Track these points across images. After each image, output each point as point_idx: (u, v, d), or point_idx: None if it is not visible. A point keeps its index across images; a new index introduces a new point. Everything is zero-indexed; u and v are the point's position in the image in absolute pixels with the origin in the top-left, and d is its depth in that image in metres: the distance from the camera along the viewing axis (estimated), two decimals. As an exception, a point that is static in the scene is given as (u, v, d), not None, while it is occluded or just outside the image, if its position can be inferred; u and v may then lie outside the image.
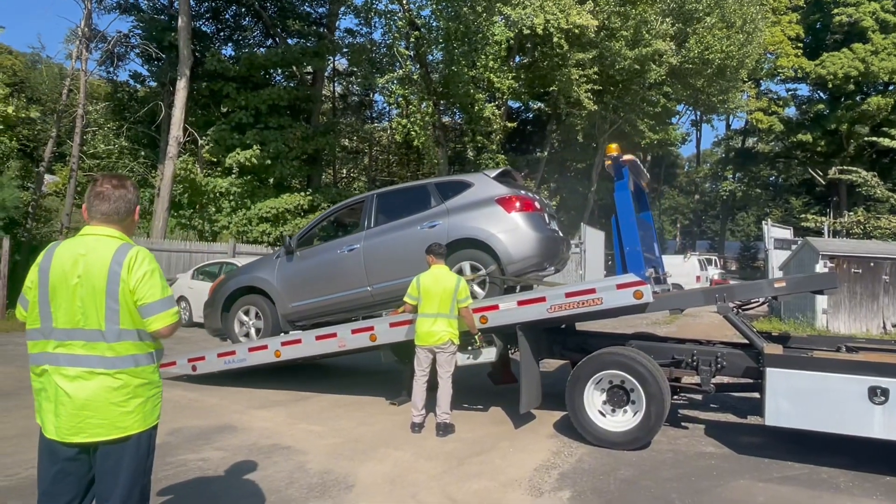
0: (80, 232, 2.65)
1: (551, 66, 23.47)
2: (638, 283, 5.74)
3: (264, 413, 6.70)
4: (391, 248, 6.97)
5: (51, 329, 2.51)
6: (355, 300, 7.21)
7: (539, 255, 6.54)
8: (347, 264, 7.16)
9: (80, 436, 2.46)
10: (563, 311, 5.94)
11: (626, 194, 6.50)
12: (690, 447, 5.85)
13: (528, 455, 5.45)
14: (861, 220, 15.94)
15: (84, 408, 2.45)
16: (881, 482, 5.02)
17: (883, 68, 31.24)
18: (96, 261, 2.51)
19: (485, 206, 6.60)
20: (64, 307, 2.50)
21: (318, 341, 7.02)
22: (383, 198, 7.47)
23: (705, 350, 6.13)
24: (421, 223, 6.85)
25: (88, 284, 2.49)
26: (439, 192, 7.00)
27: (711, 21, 24.17)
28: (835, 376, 5.09)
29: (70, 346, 2.49)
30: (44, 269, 2.54)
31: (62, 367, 2.48)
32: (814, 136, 35.27)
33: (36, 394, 2.56)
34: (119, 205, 2.63)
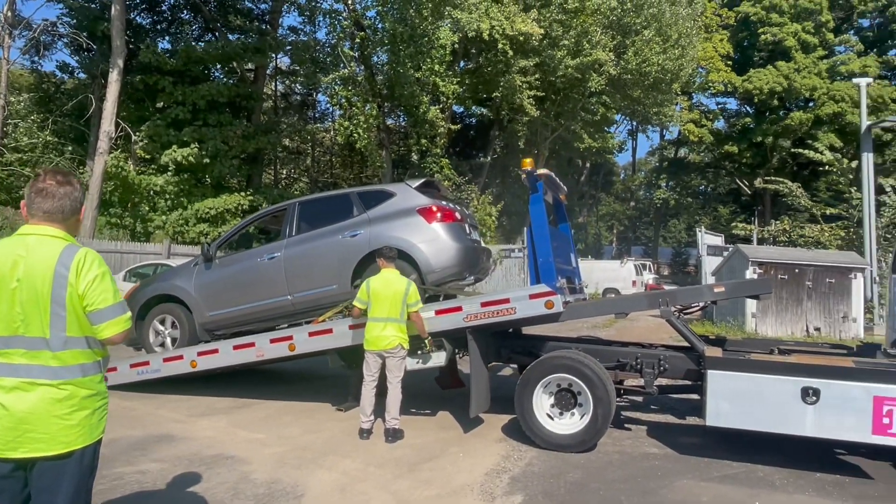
0: (18, 231, 2.44)
1: (495, 72, 23.75)
2: (549, 293, 5.89)
3: (205, 421, 6.46)
4: (313, 256, 6.90)
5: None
6: (276, 309, 7.11)
7: (459, 265, 6.61)
8: (268, 273, 7.04)
9: (19, 451, 2.26)
10: (479, 320, 6.05)
11: (539, 207, 6.59)
12: (635, 448, 5.99)
13: (478, 460, 5.46)
14: (786, 228, 16.87)
15: (23, 421, 2.25)
16: (812, 479, 5.27)
17: (804, 85, 33.11)
18: (39, 263, 2.32)
19: (406, 216, 6.64)
20: (1, 313, 2.31)
21: (236, 351, 6.88)
22: (306, 206, 7.39)
23: (648, 353, 6.31)
24: (343, 232, 6.81)
25: (31, 289, 2.30)
26: (361, 202, 6.99)
27: (649, 35, 25.00)
28: (770, 378, 5.32)
29: (8, 355, 2.30)
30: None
31: (1, 377, 2.29)
32: (741, 147, 37.03)
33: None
34: (64, 202, 2.44)
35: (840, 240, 15.55)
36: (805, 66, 33.89)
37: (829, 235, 15.66)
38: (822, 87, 33.24)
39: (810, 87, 33.19)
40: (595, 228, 47.25)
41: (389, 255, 6.01)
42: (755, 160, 37.79)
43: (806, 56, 34.26)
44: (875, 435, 5.05)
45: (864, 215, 13.54)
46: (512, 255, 19.16)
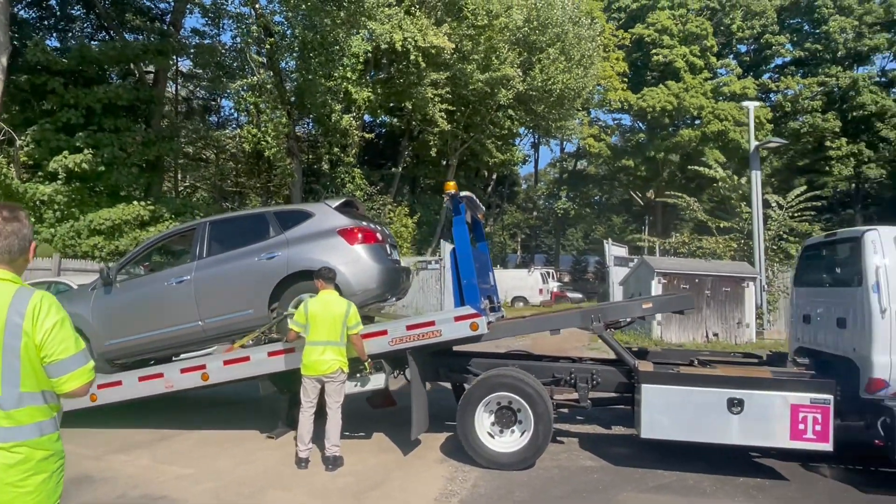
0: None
1: (408, 83, 23.77)
2: (474, 315, 5.97)
3: (125, 457, 5.98)
4: (226, 279, 6.55)
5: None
6: (185, 336, 6.71)
7: (381, 287, 6.52)
8: (176, 297, 6.62)
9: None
10: (405, 343, 6.03)
11: (463, 229, 6.62)
12: (572, 462, 6.14)
13: (424, 484, 5.39)
14: (686, 240, 18.09)
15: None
16: (737, 484, 5.62)
17: (692, 104, 35.61)
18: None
19: (326, 238, 6.45)
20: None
21: (142, 383, 6.48)
22: (217, 226, 7.02)
23: (582, 368, 6.50)
24: (259, 254, 6.51)
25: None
26: (278, 222, 6.71)
27: (554, 53, 25.95)
28: (700, 390, 5.64)
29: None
30: None
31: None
32: (635, 161, 39.21)
33: None
34: (11, 241, 2.16)
35: (733, 251, 16.88)
36: (693, 86, 36.45)
37: (723, 247, 16.96)
38: (708, 106, 35.87)
39: (698, 105, 35.72)
40: (500, 238, 48.34)
41: (328, 276, 5.84)
42: (648, 173, 40.12)
43: (693, 77, 36.88)
44: (792, 440, 5.47)
45: (754, 228, 14.74)
46: (428, 268, 19.20)
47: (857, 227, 6.47)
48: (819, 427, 5.43)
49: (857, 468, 6.09)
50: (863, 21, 35.73)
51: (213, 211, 19.83)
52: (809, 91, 36.39)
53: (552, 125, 31.74)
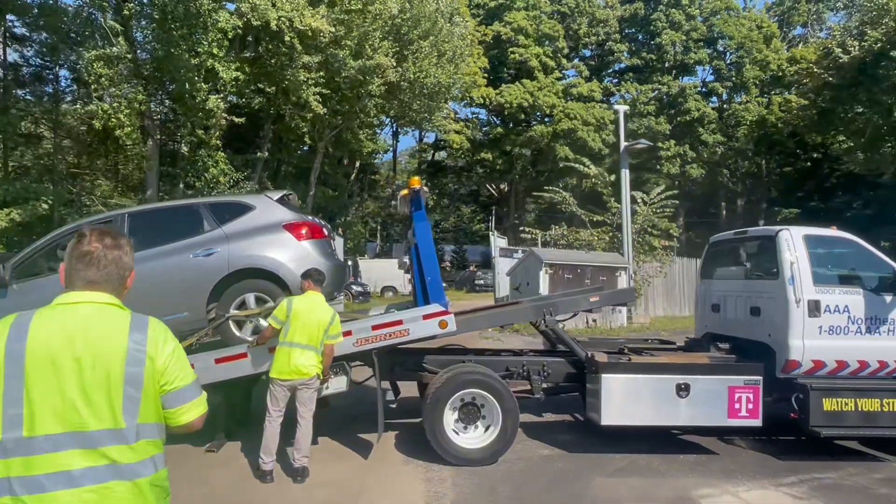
0: (59, 300, 1.94)
1: (280, 65, 22.63)
2: (442, 312, 5.96)
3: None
4: (155, 279, 5.81)
5: (22, 440, 1.71)
6: None
7: (330, 285, 6.22)
8: None
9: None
10: (370, 343, 5.89)
11: (425, 225, 6.52)
12: (529, 452, 6.31)
13: (405, 488, 5.27)
14: (565, 232, 19.26)
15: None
16: (681, 462, 6.15)
17: (545, 102, 37.76)
18: (105, 336, 1.84)
19: (271, 233, 6.05)
20: (50, 405, 1.73)
21: (220, 365, 5.69)
22: (138, 218, 6.29)
23: (534, 360, 6.71)
24: (193, 250, 5.95)
25: (99, 368, 1.79)
26: (213, 215, 6.16)
27: (426, 48, 26.10)
28: (653, 377, 6.08)
29: (56, 459, 1.71)
30: (14, 352, 1.75)
31: (49, 492, 1.68)
32: (493, 155, 40.80)
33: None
34: (111, 270, 2.00)
35: (605, 243, 18.28)
36: (546, 85, 38.62)
37: (597, 239, 18.31)
38: (560, 105, 38.23)
39: (550, 104, 37.94)
40: (361, 227, 47.92)
41: (318, 279, 5.46)
42: (504, 166, 41.94)
43: (546, 77, 39.06)
44: (730, 419, 6.10)
45: (623, 222, 16.06)
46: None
47: (764, 226, 7.29)
48: (751, 405, 6.10)
49: (770, 439, 6.93)
50: (689, 36, 40.12)
51: (61, 197, 17.49)
52: (645, 96, 40.16)
53: (420, 117, 31.98)
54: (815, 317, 6.23)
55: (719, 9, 40.97)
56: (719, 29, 40.38)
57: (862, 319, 6.29)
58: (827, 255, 6.63)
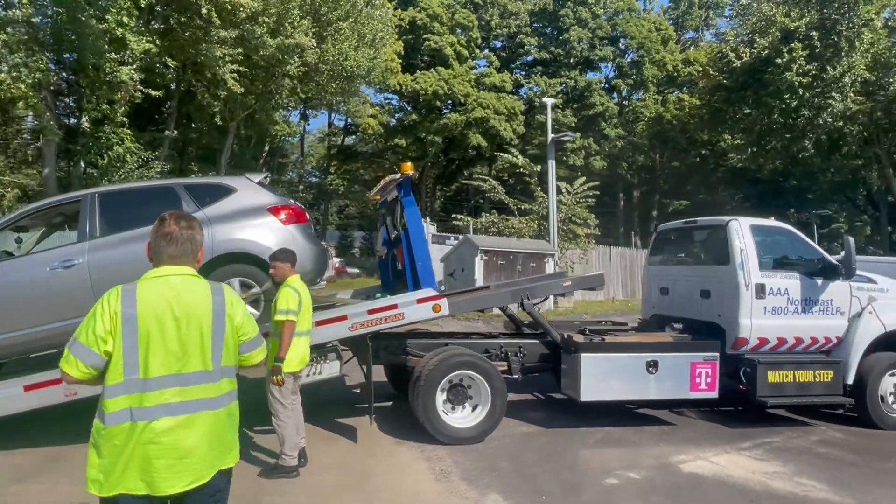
0: (151, 274, 2.48)
1: (194, 39, 21.45)
2: (436, 297, 6.15)
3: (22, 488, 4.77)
4: (132, 263, 5.51)
5: (138, 381, 2.31)
6: None
7: (315, 270, 6.20)
8: (65, 285, 5.50)
9: (180, 485, 2.30)
10: (366, 327, 5.94)
11: (415, 211, 6.65)
12: (511, 430, 6.59)
13: (410, 469, 5.38)
14: (495, 220, 19.71)
15: (186, 455, 2.31)
16: (648, 431, 6.69)
17: (460, 91, 38.18)
18: (194, 301, 2.42)
19: (255, 216, 5.91)
20: (157, 354, 2.33)
21: (31, 393, 5.27)
22: (110, 199, 5.95)
23: (510, 343, 6.99)
24: None
25: (191, 324, 2.39)
26: (192, 197, 5.94)
27: (346, 29, 25.63)
28: (626, 356, 6.54)
29: (162, 394, 2.32)
30: (128, 315, 2.33)
31: (156, 419, 2.29)
32: (407, 141, 40.81)
33: (111, 455, 2.27)
34: (187, 247, 2.52)
35: (533, 231, 18.93)
36: (460, 74, 39.04)
37: (526, 227, 18.93)
38: (473, 94, 38.79)
39: (464, 93, 38.41)
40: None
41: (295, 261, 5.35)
42: (418, 153, 42.06)
43: (461, 65, 39.48)
44: (692, 392, 6.68)
45: (550, 211, 16.73)
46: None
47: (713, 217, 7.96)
48: (710, 379, 6.71)
49: (713, 410, 7.64)
50: (595, 34, 41.92)
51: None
52: (553, 90, 41.57)
53: (336, 101, 31.42)
54: (761, 298, 6.92)
55: (622, 9, 43.07)
56: (622, 28, 42.47)
57: (798, 301, 7.06)
58: (768, 242, 7.34)
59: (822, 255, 7.33)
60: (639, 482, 5.12)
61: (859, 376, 7.07)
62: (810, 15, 27.02)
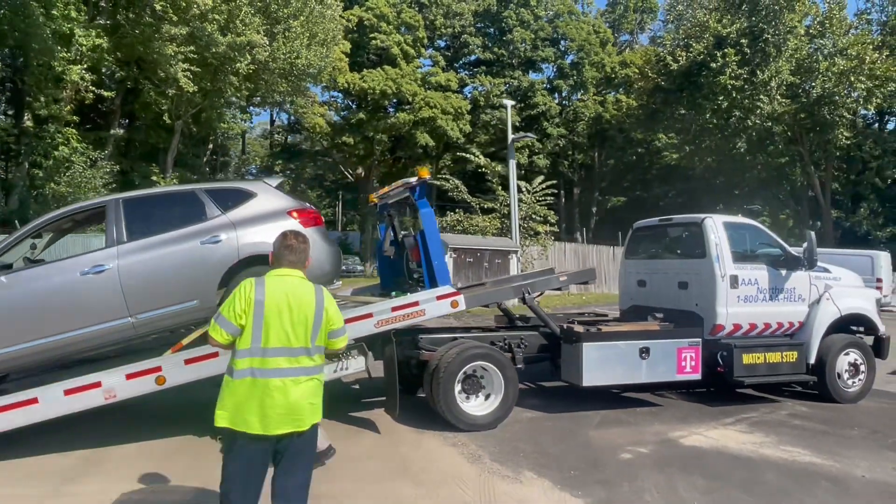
0: (274, 273, 3.38)
1: (144, 37, 20.91)
2: (454, 293, 6.58)
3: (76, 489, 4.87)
4: (163, 267, 5.75)
5: (260, 348, 3.18)
6: (110, 335, 5.70)
7: (334, 271, 6.49)
8: (96, 290, 5.60)
9: (284, 428, 3.16)
10: (390, 324, 6.28)
11: (430, 212, 7.02)
12: (516, 416, 6.98)
13: (443, 455, 5.73)
14: (460, 218, 20.15)
15: (292, 407, 3.17)
16: (640, 412, 7.30)
17: (408, 90, 38.45)
18: (303, 296, 3.30)
19: (277, 219, 6.08)
20: (274, 330, 3.20)
21: (70, 397, 5.33)
22: (134, 204, 6.06)
23: (513, 335, 7.45)
24: (199, 237, 5.90)
25: (300, 313, 3.26)
26: (215, 201, 6.12)
27: (297, 28, 25.47)
28: (622, 343, 7.12)
29: (276, 361, 3.19)
30: (259, 301, 3.21)
31: (270, 378, 3.17)
32: (354, 139, 40.75)
33: (237, 400, 3.14)
34: (301, 255, 3.46)
35: (496, 229, 19.50)
36: (407, 73, 39.30)
37: (489, 226, 19.48)
38: (420, 93, 39.14)
39: (412, 92, 38.72)
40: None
41: None
42: (365, 151, 42.09)
43: (407, 65, 39.75)
44: (678, 374, 7.33)
45: (512, 209, 17.35)
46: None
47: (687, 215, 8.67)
48: (693, 363, 7.38)
49: (689, 391, 8.36)
50: (537, 35, 43.05)
51: None
52: (498, 89, 42.45)
53: (285, 99, 31.14)
54: (735, 288, 7.65)
55: (563, 11, 44.41)
56: (563, 30, 43.82)
57: (766, 290, 7.84)
58: (739, 237, 8.07)
59: (785, 247, 8.14)
60: (650, 456, 5.68)
61: (819, 356, 7.90)
62: (740, 22, 28.77)
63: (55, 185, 20.09)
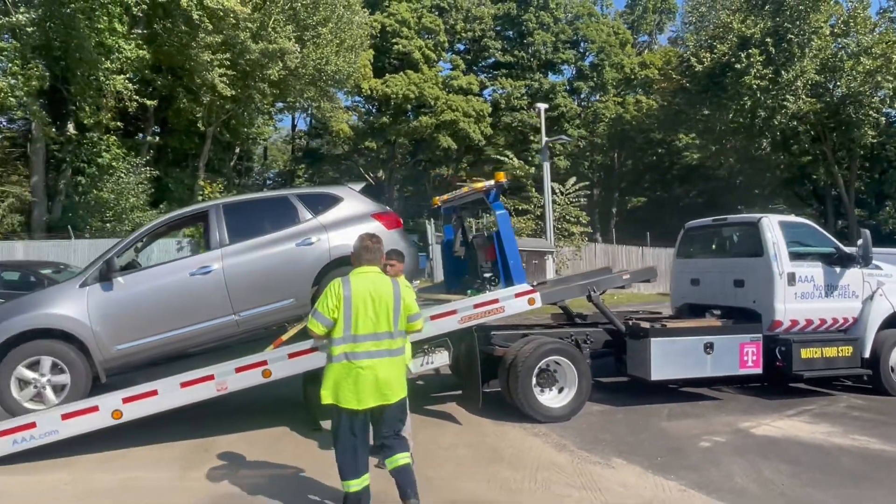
0: (358, 271, 4.05)
1: (181, 45, 21.42)
2: (531, 291, 6.91)
3: (198, 474, 5.25)
4: (263, 267, 6.16)
5: (351, 336, 3.86)
6: (216, 332, 6.14)
7: (414, 270, 6.86)
8: (204, 289, 6.02)
9: (375, 402, 3.85)
10: (473, 320, 6.63)
11: (506, 214, 7.44)
12: (585, 409, 7.27)
13: (530, 444, 6.04)
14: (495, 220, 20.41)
15: (382, 382, 3.85)
16: (703, 405, 7.60)
17: (431, 94, 38.86)
18: (383, 288, 3.98)
19: (363, 222, 6.42)
20: (362, 320, 3.86)
21: (186, 389, 5.74)
22: (234, 209, 6.50)
23: (579, 331, 7.77)
24: (294, 239, 6.30)
25: (382, 303, 3.91)
26: (305, 206, 6.51)
27: (326, 34, 25.87)
28: (687, 339, 7.42)
29: (365, 345, 3.86)
30: (347, 296, 3.88)
31: (361, 360, 3.84)
32: (377, 143, 41.24)
33: (336, 380, 3.85)
34: (377, 254, 4.13)
35: (531, 230, 19.81)
36: (429, 77, 39.71)
37: (525, 227, 19.82)
38: (442, 97, 39.52)
39: (434, 95, 39.11)
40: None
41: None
42: (387, 155, 42.56)
43: (429, 69, 40.15)
44: (741, 369, 7.60)
45: (546, 210, 17.67)
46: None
47: (743, 215, 8.94)
48: (755, 357, 7.66)
49: (742, 386, 8.61)
50: (558, 38, 43.31)
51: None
52: (518, 91, 42.75)
53: (312, 105, 31.61)
54: (792, 285, 7.91)
55: (582, 14, 44.63)
56: (583, 32, 44.04)
57: (822, 287, 8.09)
58: (794, 235, 8.32)
59: (839, 245, 8.39)
60: (727, 444, 5.98)
61: (873, 351, 8.14)
62: (764, 22, 28.86)
63: (98, 191, 20.66)
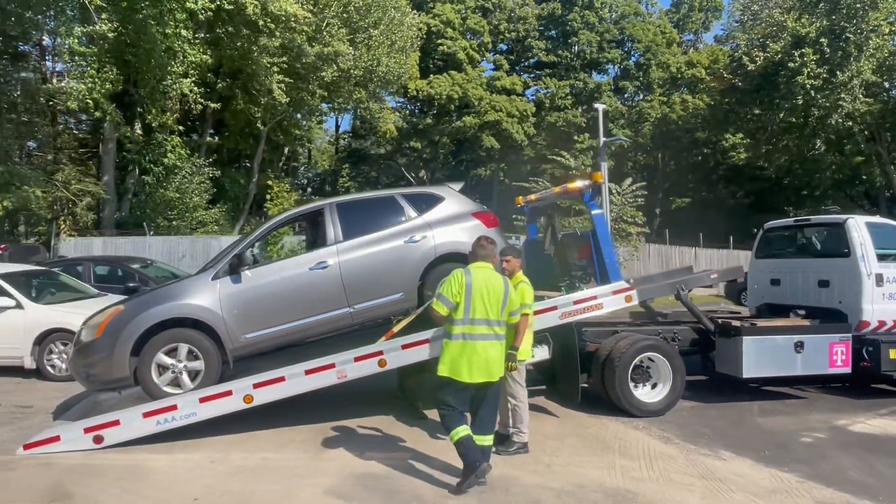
0: (475, 265, 4.88)
1: (243, 49, 22.07)
2: (628, 288, 7.12)
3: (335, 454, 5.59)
4: (374, 263, 6.48)
5: (469, 319, 4.65)
6: (333, 323, 6.47)
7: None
8: (322, 283, 6.37)
9: (483, 377, 4.63)
10: (572, 316, 6.84)
11: (602, 214, 7.72)
12: (678, 405, 7.47)
13: (636, 437, 6.22)
14: None
15: (490, 361, 4.65)
16: (792, 403, 7.67)
17: (475, 94, 39.10)
18: (495, 282, 4.77)
19: (464, 221, 6.77)
20: (479, 306, 4.65)
21: (310, 376, 6.07)
22: (346, 208, 6.82)
23: (668, 329, 7.93)
24: (403, 236, 6.60)
25: (494, 294, 4.70)
26: (410, 205, 6.82)
27: (378, 36, 26.32)
28: (778, 338, 7.52)
29: (479, 328, 4.65)
30: (468, 284, 4.67)
31: (476, 340, 4.63)
32: (421, 143, 41.66)
33: (453, 356, 4.63)
34: (490, 253, 4.94)
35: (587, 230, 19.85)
36: (473, 77, 39.97)
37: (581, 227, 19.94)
38: (486, 97, 39.74)
39: (478, 96, 39.35)
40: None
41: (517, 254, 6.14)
42: (430, 155, 42.97)
43: (473, 69, 40.41)
44: (830, 368, 7.66)
45: (604, 211, 17.71)
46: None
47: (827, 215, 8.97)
48: (844, 357, 7.70)
49: (824, 386, 8.63)
50: (603, 37, 43.13)
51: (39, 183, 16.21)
52: (563, 91, 42.71)
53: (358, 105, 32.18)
54: (880, 286, 7.93)
55: (628, 13, 44.35)
56: (629, 32, 43.76)
57: (910, 287, 8.09)
58: (881, 236, 8.33)
59: (926, 246, 8.36)
60: (829, 440, 6.10)
61: (961, 351, 8.11)
62: (819, 20, 28.34)
63: (164, 189, 21.45)
